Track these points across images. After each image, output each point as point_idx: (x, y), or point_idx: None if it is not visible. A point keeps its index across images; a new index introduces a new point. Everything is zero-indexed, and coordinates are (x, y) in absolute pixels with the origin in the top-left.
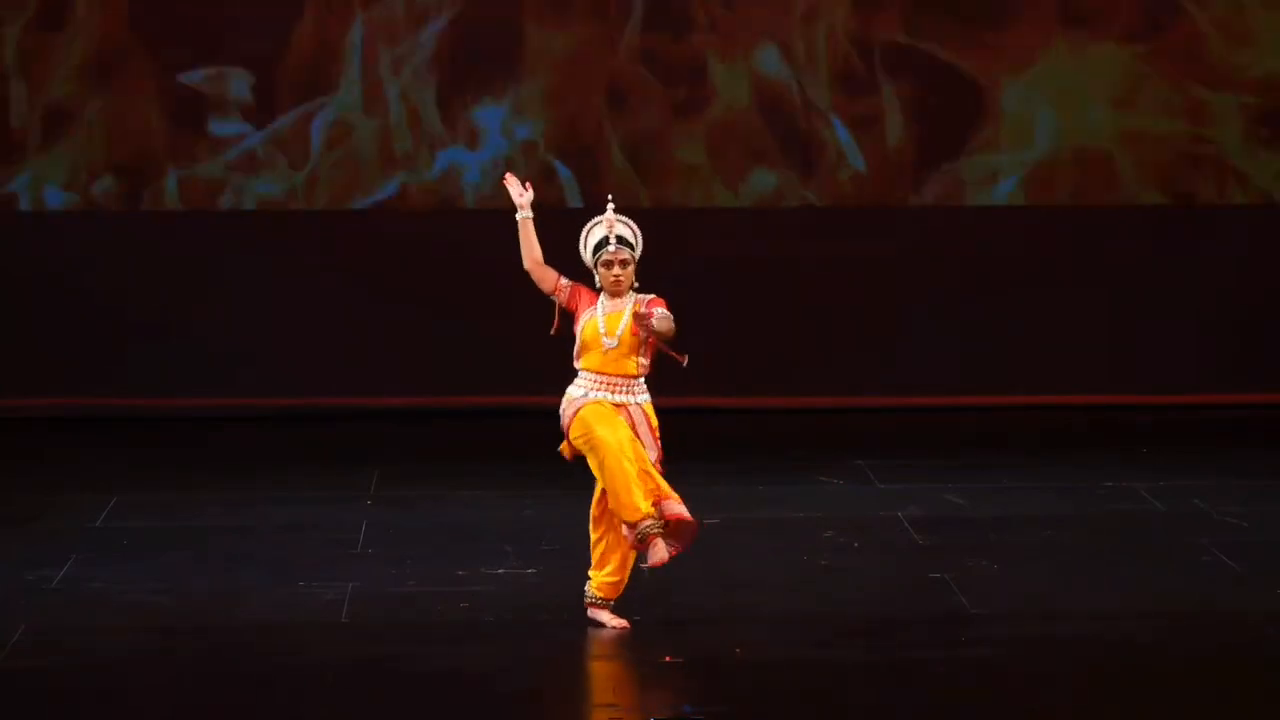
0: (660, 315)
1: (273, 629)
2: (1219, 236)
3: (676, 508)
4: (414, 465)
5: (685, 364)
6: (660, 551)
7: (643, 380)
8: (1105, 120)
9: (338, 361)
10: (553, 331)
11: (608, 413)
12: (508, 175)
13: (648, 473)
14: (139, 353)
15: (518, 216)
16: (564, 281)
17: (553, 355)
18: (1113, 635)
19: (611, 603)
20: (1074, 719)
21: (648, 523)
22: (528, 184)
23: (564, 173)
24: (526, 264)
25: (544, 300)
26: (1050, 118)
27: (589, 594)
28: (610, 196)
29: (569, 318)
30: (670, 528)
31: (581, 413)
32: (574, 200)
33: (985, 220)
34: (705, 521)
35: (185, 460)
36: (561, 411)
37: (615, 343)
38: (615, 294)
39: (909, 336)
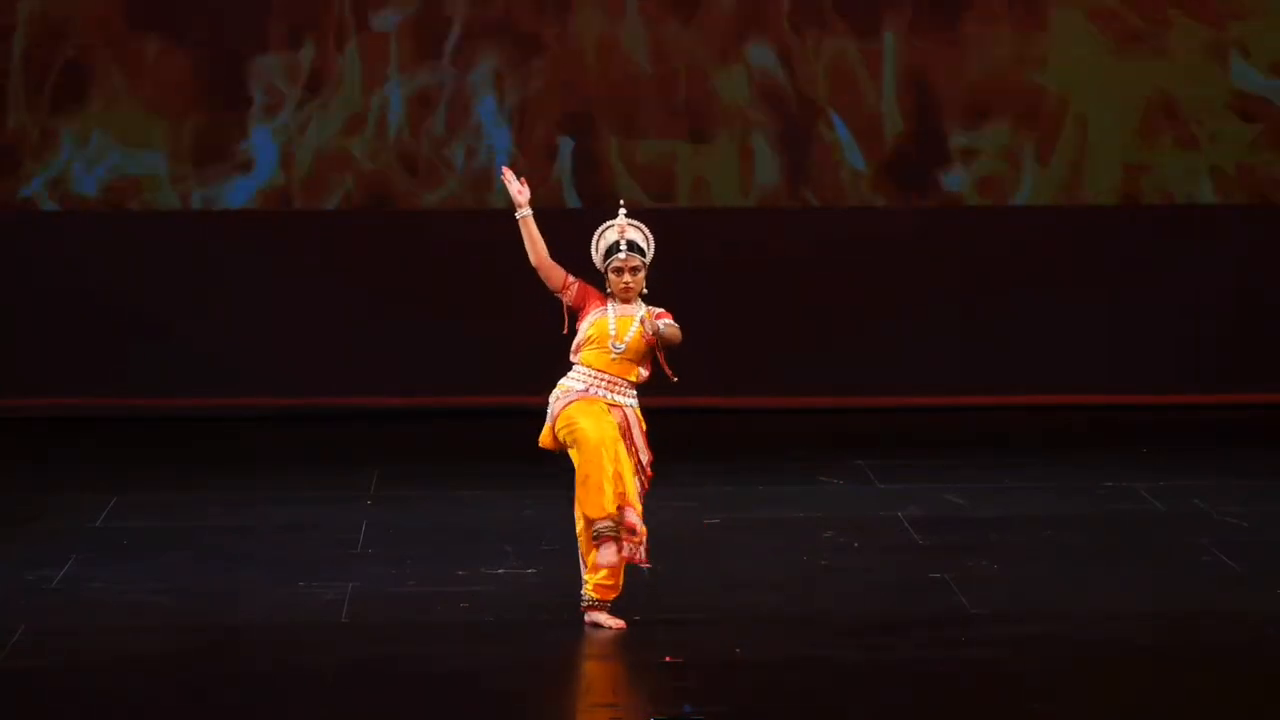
0: (668, 323)
1: (273, 629)
2: (1219, 236)
3: (634, 517)
4: (414, 465)
5: (675, 380)
6: (610, 555)
7: (635, 387)
8: (1107, 119)
9: (338, 361)
10: (565, 331)
11: (599, 410)
12: (505, 171)
13: (620, 476)
14: (139, 353)
15: (518, 215)
16: (572, 279)
17: (553, 355)
18: (1113, 635)
19: (608, 604)
20: (1074, 719)
21: (606, 523)
22: (524, 180)
23: (564, 173)
24: (533, 260)
25: (544, 299)
26: (1050, 117)
27: (585, 597)
28: (622, 201)
29: (575, 315)
30: (625, 535)
31: (571, 407)
32: (572, 201)
33: (985, 220)
34: (705, 522)
35: (185, 460)
36: (552, 399)
37: (624, 348)
38: (625, 300)
39: (909, 336)
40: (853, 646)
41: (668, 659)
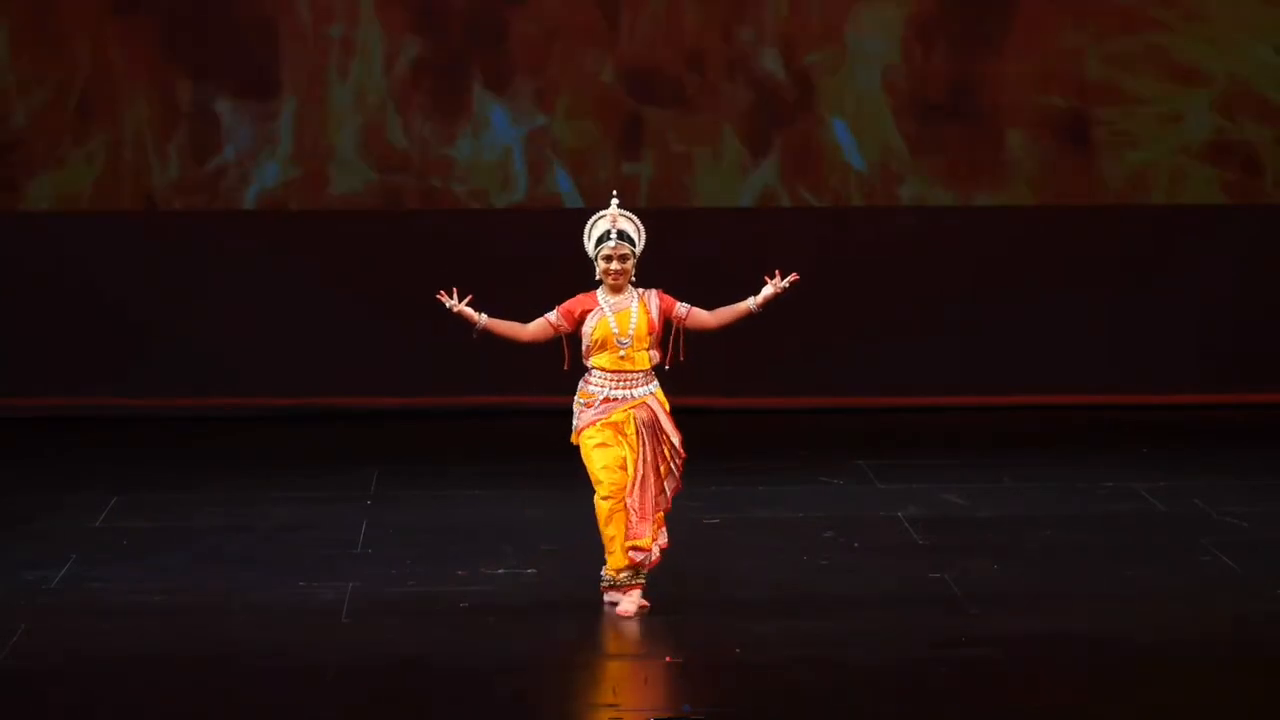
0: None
1: (273, 629)
2: (1219, 236)
3: (652, 547)
4: (414, 465)
5: (669, 366)
6: (628, 604)
7: (652, 371)
8: (1106, 120)
9: (338, 361)
10: (566, 367)
11: (608, 437)
12: (440, 296)
13: (637, 507)
14: (139, 353)
15: (477, 329)
16: (555, 318)
17: (552, 355)
18: (1113, 635)
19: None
20: (1074, 719)
21: (624, 574)
22: (452, 294)
23: (562, 173)
24: (523, 341)
25: (544, 300)
26: (1050, 117)
27: (604, 577)
28: (615, 192)
29: (576, 337)
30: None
31: (586, 434)
32: (573, 201)
33: (985, 220)
34: (705, 521)
35: (185, 460)
36: (576, 404)
37: (630, 341)
38: (615, 288)
39: (909, 336)
40: (852, 646)
41: (668, 659)
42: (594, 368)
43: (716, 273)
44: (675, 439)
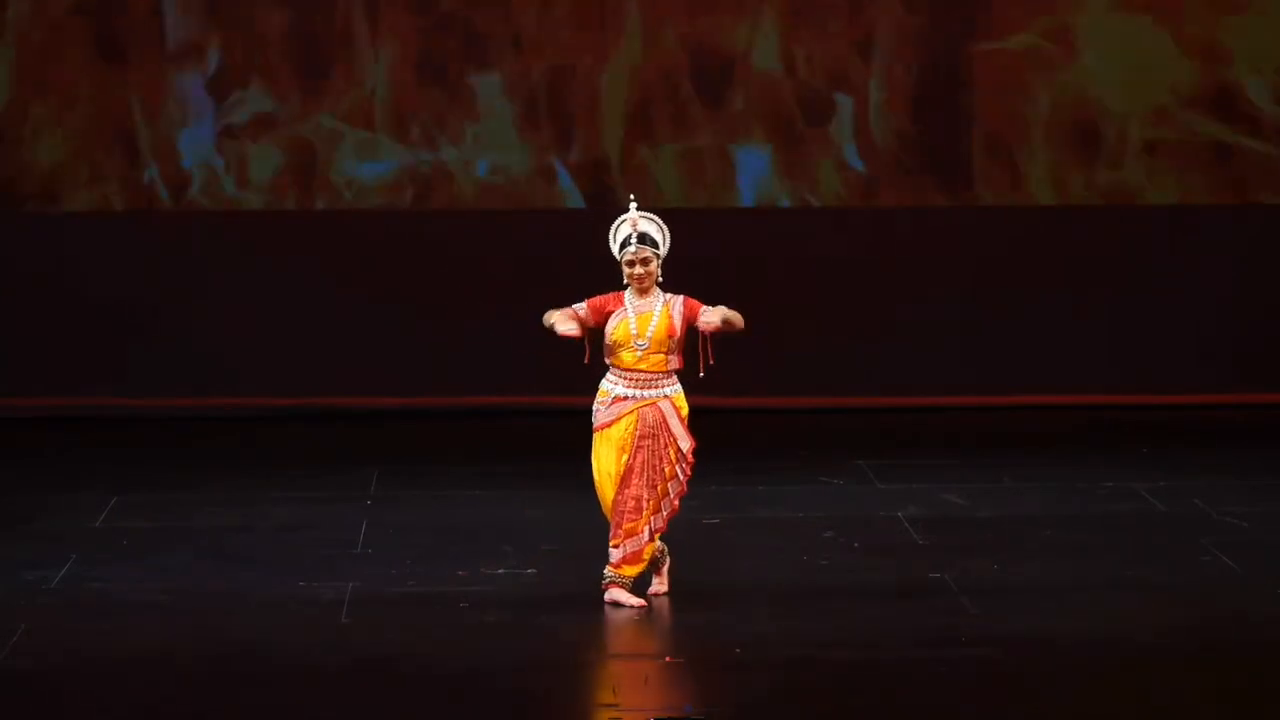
0: (722, 315)
1: (273, 629)
2: (1219, 236)
3: (633, 547)
4: (414, 465)
5: (705, 370)
6: (615, 596)
7: (673, 374)
8: (1106, 119)
9: (337, 361)
10: (587, 360)
11: (601, 451)
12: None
13: (638, 505)
14: (139, 353)
15: (573, 333)
16: (583, 311)
17: (552, 356)
18: (1112, 635)
19: (630, 581)
20: (1074, 719)
21: (608, 572)
22: (570, 324)
23: (564, 173)
24: (586, 322)
25: (543, 301)
26: (1050, 118)
27: (606, 574)
28: (633, 195)
29: (599, 333)
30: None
31: (595, 439)
32: (574, 201)
33: (985, 220)
34: (705, 521)
35: (185, 460)
36: (596, 404)
37: (647, 344)
38: (640, 291)
39: (909, 336)
40: (852, 646)
41: (668, 659)
42: (612, 365)
43: (716, 273)
44: (684, 444)
